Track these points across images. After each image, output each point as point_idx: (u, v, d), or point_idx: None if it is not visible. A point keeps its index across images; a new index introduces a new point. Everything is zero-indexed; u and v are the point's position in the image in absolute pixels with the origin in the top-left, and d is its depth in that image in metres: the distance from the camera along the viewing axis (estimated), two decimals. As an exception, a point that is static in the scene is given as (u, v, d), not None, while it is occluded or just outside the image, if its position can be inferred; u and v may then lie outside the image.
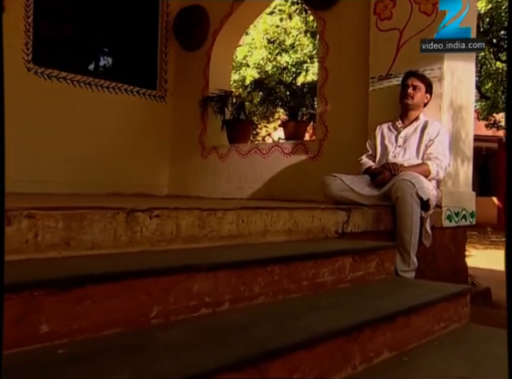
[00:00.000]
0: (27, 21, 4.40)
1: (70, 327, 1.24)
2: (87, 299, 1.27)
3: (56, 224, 1.53)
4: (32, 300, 1.17)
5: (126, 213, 1.70)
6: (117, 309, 1.33)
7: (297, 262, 1.85)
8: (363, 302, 1.86)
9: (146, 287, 1.39)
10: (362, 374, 1.53)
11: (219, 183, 4.90)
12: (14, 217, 1.44)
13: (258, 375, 1.23)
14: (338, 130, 4.12)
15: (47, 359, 1.13)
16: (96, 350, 1.19)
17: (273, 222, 2.21)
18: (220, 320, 1.51)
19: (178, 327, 1.40)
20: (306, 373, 1.36)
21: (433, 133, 3.25)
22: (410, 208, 2.86)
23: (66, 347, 1.19)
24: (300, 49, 9.85)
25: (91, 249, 1.61)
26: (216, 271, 1.56)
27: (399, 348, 1.72)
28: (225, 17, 4.96)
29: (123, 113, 5.04)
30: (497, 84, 11.30)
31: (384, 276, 2.29)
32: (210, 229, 1.96)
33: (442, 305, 1.98)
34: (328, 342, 1.44)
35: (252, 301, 1.68)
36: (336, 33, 4.17)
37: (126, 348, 1.23)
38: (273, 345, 1.29)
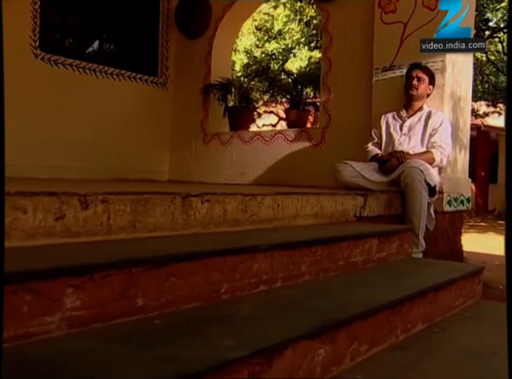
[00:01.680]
0: (34, 8, 4.42)
1: (159, 301, 1.37)
2: (172, 276, 1.40)
3: (125, 207, 1.65)
4: (131, 276, 1.30)
5: (181, 198, 1.83)
6: (195, 285, 1.47)
7: (334, 243, 2.01)
8: (394, 280, 2.03)
9: (218, 265, 1.53)
10: (404, 343, 1.71)
11: (221, 169, 5.02)
12: (91, 202, 1.56)
13: (329, 342, 1.39)
14: (340, 119, 4.28)
15: (148, 328, 1.26)
16: (187, 321, 1.33)
17: (303, 207, 2.36)
18: (277, 295, 1.66)
19: (246, 301, 1.55)
20: (362, 342, 1.53)
21: (436, 122, 3.43)
22: (419, 194, 3.05)
23: (159, 318, 1.33)
24: (288, 37, 9.94)
25: (153, 231, 1.74)
26: (272, 251, 1.71)
27: (430, 320, 1.91)
28: (227, 7, 5.04)
29: (126, 100, 5.11)
30: (475, 73, 11.60)
31: (403, 256, 2.47)
32: (251, 213, 2.10)
33: (462, 283, 2.17)
34: (377, 315, 1.60)
35: (299, 278, 1.84)
36: (339, 24, 4.30)
37: (210, 319, 1.37)
38: (339, 316, 1.45)
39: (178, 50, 5.45)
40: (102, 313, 1.24)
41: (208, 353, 1.10)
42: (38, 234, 1.44)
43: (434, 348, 1.72)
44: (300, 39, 9.72)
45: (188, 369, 1.01)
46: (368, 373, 1.46)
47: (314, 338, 1.34)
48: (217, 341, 1.18)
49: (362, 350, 1.53)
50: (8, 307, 1.08)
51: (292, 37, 9.78)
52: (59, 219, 1.49)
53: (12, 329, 1.08)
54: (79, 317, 1.20)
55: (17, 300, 1.09)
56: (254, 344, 1.18)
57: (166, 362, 1.04)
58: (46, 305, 1.14)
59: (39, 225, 1.45)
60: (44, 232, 1.46)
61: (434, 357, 1.62)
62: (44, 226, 1.46)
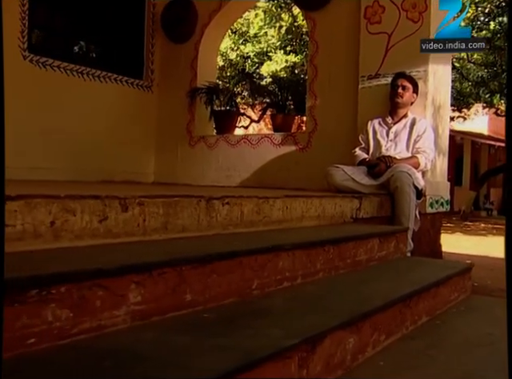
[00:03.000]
0: (23, 10, 4.43)
1: (203, 296, 1.49)
2: (214, 273, 1.52)
3: (158, 210, 1.76)
4: (181, 273, 1.41)
5: (205, 201, 1.94)
6: (232, 281, 1.59)
7: (343, 243, 2.16)
8: (398, 276, 2.20)
9: (250, 264, 1.65)
10: (413, 333, 1.87)
11: (208, 171, 5.12)
12: (130, 204, 1.66)
13: (357, 332, 1.53)
14: (326, 123, 4.44)
15: (200, 321, 1.38)
16: (231, 314, 1.45)
17: (308, 209, 2.51)
18: (300, 291, 1.80)
19: (275, 297, 1.68)
20: (381, 332, 1.68)
21: (420, 129, 3.64)
22: (407, 196, 3.24)
23: (205, 312, 1.45)
24: (264, 40, 10.10)
25: (182, 232, 1.85)
26: (294, 250, 1.84)
27: (432, 313, 2.08)
28: (213, 13, 5.14)
29: (112, 102, 5.15)
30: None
31: (399, 255, 2.65)
32: (264, 215, 2.23)
33: (456, 279, 2.36)
34: (393, 307, 1.76)
35: (315, 275, 1.98)
36: (326, 33, 4.47)
37: (250, 313, 1.49)
38: (363, 309, 1.59)
39: (163, 54, 5.52)
40: (158, 308, 1.35)
41: (264, 342, 1.23)
42: (85, 235, 1.54)
43: (439, 338, 1.89)
44: (275, 43, 9.90)
45: (253, 356, 1.14)
46: (388, 360, 1.61)
47: (345, 329, 1.48)
48: (266, 332, 1.31)
49: (381, 340, 1.68)
50: (84, 302, 1.18)
51: (268, 41, 9.95)
52: (103, 221, 1.58)
53: (88, 321, 1.19)
54: (140, 311, 1.30)
55: (91, 295, 1.19)
56: (300, 333, 1.31)
57: (230, 350, 1.16)
58: (114, 299, 1.24)
59: (86, 227, 1.54)
60: (90, 233, 1.55)
61: (441, 346, 1.79)
62: (90, 228, 1.55)
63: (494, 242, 7.46)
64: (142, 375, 1.00)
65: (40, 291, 1.09)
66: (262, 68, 9.83)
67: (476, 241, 7.54)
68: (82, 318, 1.17)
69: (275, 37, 9.69)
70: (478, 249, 6.34)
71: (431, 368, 1.56)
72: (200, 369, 1.04)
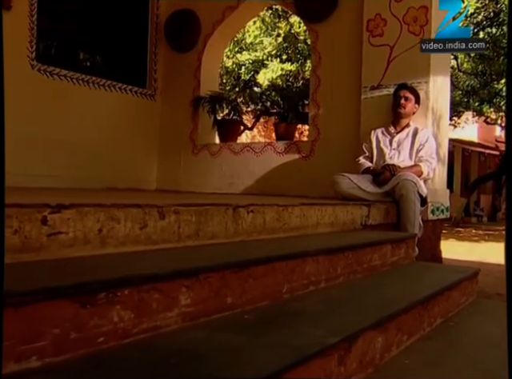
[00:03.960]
0: (31, 20, 4.50)
1: (241, 299, 1.58)
2: (250, 278, 1.62)
3: (191, 218, 1.85)
4: (223, 277, 1.51)
5: (232, 209, 2.04)
6: (266, 285, 1.68)
7: (360, 249, 2.27)
8: (412, 280, 2.31)
9: (281, 268, 1.75)
10: (430, 334, 1.98)
11: (211, 178, 5.21)
12: (166, 213, 1.75)
13: (384, 332, 1.63)
14: (329, 132, 4.56)
15: (243, 322, 1.47)
16: (269, 316, 1.55)
17: (322, 216, 2.61)
18: (326, 294, 1.89)
19: (304, 300, 1.78)
20: (404, 333, 1.79)
21: (423, 138, 3.77)
22: (412, 204, 3.36)
23: (245, 314, 1.54)
24: (259, 48, 10.23)
25: (212, 239, 1.95)
26: (318, 256, 1.94)
27: (445, 315, 2.19)
28: (216, 23, 5.25)
29: (115, 110, 5.22)
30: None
31: (408, 260, 2.76)
32: (283, 222, 2.33)
33: (466, 283, 2.47)
34: (413, 310, 1.86)
35: (336, 280, 2.08)
36: (328, 44, 4.60)
37: (285, 314, 1.59)
38: (388, 310, 1.69)
39: (166, 63, 5.61)
40: (204, 309, 1.44)
41: (308, 340, 1.33)
42: (128, 242, 1.63)
43: (455, 338, 2.00)
44: (271, 51, 10.03)
45: (303, 352, 1.23)
46: (412, 358, 1.71)
47: (375, 329, 1.58)
48: (306, 331, 1.40)
49: (404, 340, 1.79)
50: (143, 304, 1.27)
51: (264, 50, 10.07)
52: (143, 228, 1.67)
53: (146, 322, 1.27)
54: (189, 313, 1.39)
55: (149, 298, 1.28)
56: (337, 333, 1.41)
57: (281, 347, 1.26)
58: (167, 302, 1.33)
59: (129, 234, 1.63)
60: (132, 240, 1.64)
61: (458, 346, 1.90)
62: (132, 234, 1.64)
63: (488, 248, 7.63)
64: (207, 371, 1.09)
65: (107, 294, 1.18)
66: (258, 76, 9.95)
67: (469, 247, 7.69)
68: (141, 319, 1.26)
69: (271, 45, 9.81)
70: (473, 255, 6.49)
71: (453, 366, 1.66)
72: (259, 365, 1.13)
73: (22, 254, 1.35)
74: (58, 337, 1.08)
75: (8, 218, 1.31)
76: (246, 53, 10.33)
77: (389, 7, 4.15)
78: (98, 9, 5.20)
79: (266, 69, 9.91)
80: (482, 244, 8.51)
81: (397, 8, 4.12)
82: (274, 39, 9.50)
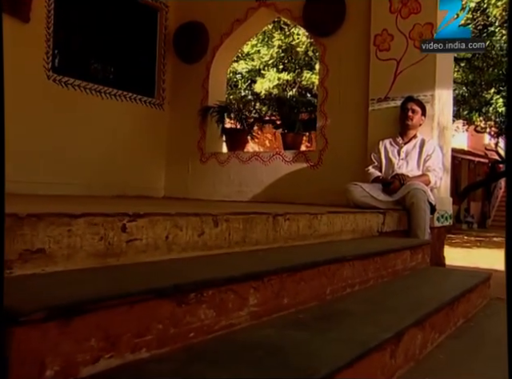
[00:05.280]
0: (48, 32, 4.62)
1: (295, 300, 1.73)
2: (302, 280, 1.77)
3: (239, 225, 2.00)
4: (282, 280, 1.66)
5: (272, 217, 2.19)
6: (313, 287, 1.84)
7: (386, 255, 2.43)
8: (433, 284, 2.48)
9: (325, 272, 1.91)
10: (455, 333, 2.15)
11: (219, 186, 5.35)
12: (219, 221, 1.90)
13: (422, 330, 1.80)
14: (337, 142, 4.73)
15: (300, 320, 1.62)
16: (321, 315, 1.70)
17: (345, 223, 2.78)
18: (362, 296, 2.05)
19: (345, 301, 1.93)
20: (436, 331, 1.95)
21: (429, 149, 3.96)
22: (423, 212, 3.54)
23: (299, 313, 1.69)
24: (256, 57, 10.41)
25: (255, 245, 2.10)
26: (354, 261, 2.10)
27: (466, 316, 2.36)
28: (224, 35, 5.42)
29: (125, 119, 5.35)
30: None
31: (425, 265, 2.94)
32: (314, 229, 2.48)
33: (481, 286, 2.65)
34: (442, 310, 2.03)
35: (367, 283, 2.24)
36: (335, 57, 4.78)
37: (334, 313, 1.74)
38: (424, 310, 1.86)
39: (174, 73, 5.75)
40: (266, 309, 1.59)
41: (366, 335, 1.48)
42: (188, 248, 1.77)
43: (477, 337, 2.18)
44: (268, 61, 10.22)
45: (367, 345, 1.39)
46: (446, 354, 1.87)
47: (416, 326, 1.74)
48: (360, 328, 1.56)
49: (436, 337, 1.95)
50: (222, 303, 1.42)
51: (260, 59, 10.26)
52: (201, 235, 1.82)
53: (224, 320, 1.42)
54: (255, 312, 1.54)
55: (226, 298, 1.43)
56: (387, 330, 1.57)
57: (345, 341, 1.41)
58: (240, 302, 1.48)
59: (189, 241, 1.77)
60: (192, 246, 1.78)
61: (483, 343, 2.07)
62: (191, 241, 1.78)
63: (481, 254, 7.87)
64: (293, 361, 1.23)
65: (196, 294, 1.32)
66: (256, 85, 10.13)
67: (464, 253, 7.92)
68: (220, 317, 1.41)
69: (267, 55, 10.00)
70: (469, 261, 6.70)
71: (484, 362, 1.83)
72: (334, 355, 1.29)
73: (106, 259, 1.49)
74: (160, 332, 1.22)
75: (95, 226, 1.45)
76: (242, 63, 10.51)
77: (395, 23, 4.35)
78: (109, 21, 5.36)
79: (263, 79, 10.11)
80: (475, 250, 8.75)
81: (403, 24, 4.32)
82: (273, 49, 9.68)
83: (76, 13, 5.05)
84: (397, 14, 4.34)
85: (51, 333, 0.98)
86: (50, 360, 0.98)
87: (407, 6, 4.30)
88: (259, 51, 10.34)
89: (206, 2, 5.49)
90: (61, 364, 1.00)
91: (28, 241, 1.29)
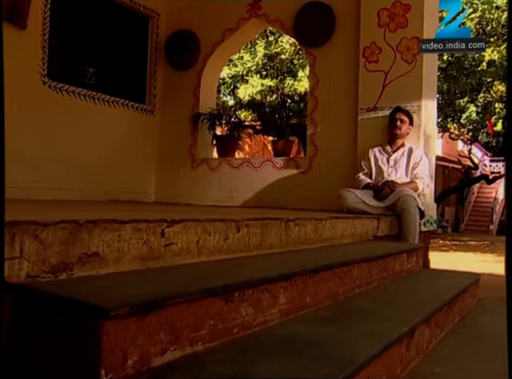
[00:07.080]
0: (44, 39, 4.68)
1: (315, 299, 1.88)
2: (320, 281, 1.92)
3: (257, 230, 2.14)
4: (305, 280, 1.80)
5: (284, 222, 2.33)
6: (328, 288, 1.98)
7: (387, 257, 2.60)
8: (430, 284, 2.66)
9: (339, 273, 2.06)
10: (454, 329, 2.32)
11: (210, 192, 5.47)
12: (241, 226, 2.04)
13: (428, 326, 1.96)
14: (326, 149, 4.91)
15: (322, 317, 1.76)
16: (341, 313, 1.84)
17: (345, 228, 2.94)
18: (370, 295, 2.21)
19: (357, 300, 2.09)
20: (439, 327, 2.12)
21: (417, 157, 4.17)
22: (413, 217, 3.74)
23: (319, 311, 1.84)
24: (240, 63, 10.57)
25: (270, 249, 2.24)
26: (362, 263, 2.26)
27: (461, 314, 2.54)
28: (216, 44, 5.55)
29: (117, 125, 5.43)
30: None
31: (419, 268, 3.12)
32: (319, 234, 2.64)
33: (472, 287, 2.84)
34: (443, 308, 2.20)
35: (372, 284, 2.40)
36: (325, 68, 4.96)
37: (352, 311, 1.89)
38: (430, 308, 2.03)
39: (165, 80, 5.86)
40: (292, 307, 1.73)
41: (385, 330, 1.63)
42: (215, 251, 1.90)
43: (475, 332, 2.36)
44: (251, 67, 10.38)
45: (389, 338, 1.54)
46: (449, 347, 2.04)
47: (425, 322, 1.91)
48: (380, 324, 1.71)
49: (438, 333, 2.12)
50: (259, 302, 1.56)
51: (244, 65, 10.42)
52: (225, 240, 1.95)
53: (260, 317, 1.55)
54: (284, 310, 1.68)
55: (262, 297, 1.56)
56: (402, 325, 1.73)
57: (368, 335, 1.56)
58: (272, 300, 1.62)
59: (216, 245, 1.90)
60: (218, 250, 1.91)
61: (482, 338, 2.25)
62: (218, 245, 1.91)
63: (458, 257, 8.16)
64: (331, 351, 1.37)
65: (240, 293, 1.45)
66: (239, 91, 10.28)
67: (442, 257, 8.19)
68: (257, 314, 1.54)
69: (251, 62, 10.16)
70: (447, 264, 6.96)
71: (484, 353, 2.00)
72: (363, 347, 1.43)
73: (148, 262, 1.61)
74: (212, 327, 1.35)
75: (139, 231, 1.57)
76: (226, 68, 10.65)
77: (383, 36, 4.55)
78: (102, 29, 5.44)
79: (247, 85, 10.26)
80: (451, 253, 9.06)
81: (391, 37, 4.53)
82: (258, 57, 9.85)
83: (70, 21, 5.12)
84: (385, 28, 4.55)
85: (131, 327, 1.10)
86: (131, 350, 1.10)
87: (395, 21, 4.51)
88: (242, 57, 10.50)
89: (198, 12, 5.63)
90: (138, 354, 1.12)
91: (86, 246, 1.40)
